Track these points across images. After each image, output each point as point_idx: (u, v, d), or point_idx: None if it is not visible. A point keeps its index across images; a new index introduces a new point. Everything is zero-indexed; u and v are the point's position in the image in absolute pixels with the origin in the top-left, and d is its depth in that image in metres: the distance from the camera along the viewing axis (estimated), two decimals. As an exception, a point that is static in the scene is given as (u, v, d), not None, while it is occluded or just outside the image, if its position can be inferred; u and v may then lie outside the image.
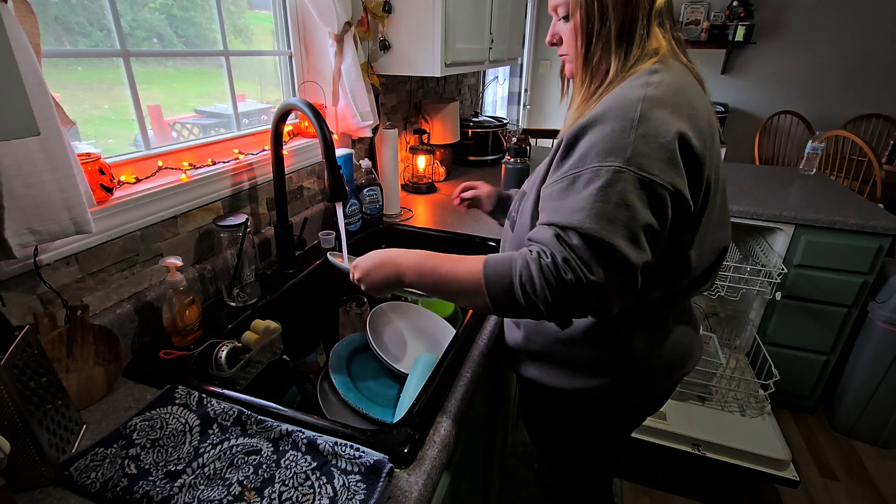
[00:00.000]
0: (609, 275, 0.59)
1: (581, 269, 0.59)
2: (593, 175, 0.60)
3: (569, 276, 0.59)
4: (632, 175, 0.59)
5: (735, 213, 1.78)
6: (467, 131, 2.28)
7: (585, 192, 0.60)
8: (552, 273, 0.60)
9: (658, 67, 0.67)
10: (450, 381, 0.84)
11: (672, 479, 1.73)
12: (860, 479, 1.77)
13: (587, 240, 0.59)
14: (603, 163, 0.60)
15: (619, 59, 0.69)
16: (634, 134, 0.60)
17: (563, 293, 0.60)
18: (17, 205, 0.65)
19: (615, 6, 0.67)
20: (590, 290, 0.59)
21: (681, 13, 3.94)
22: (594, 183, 0.60)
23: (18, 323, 0.74)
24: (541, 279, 0.60)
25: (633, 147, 0.59)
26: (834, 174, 2.99)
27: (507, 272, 0.63)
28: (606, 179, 0.59)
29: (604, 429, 0.90)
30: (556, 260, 0.60)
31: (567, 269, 0.59)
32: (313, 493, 0.61)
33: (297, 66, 1.39)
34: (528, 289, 0.61)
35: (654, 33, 0.70)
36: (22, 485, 0.62)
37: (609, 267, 0.59)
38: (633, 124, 0.60)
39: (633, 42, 0.69)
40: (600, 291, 0.60)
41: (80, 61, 0.90)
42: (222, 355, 0.87)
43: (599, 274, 0.59)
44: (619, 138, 0.60)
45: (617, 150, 0.60)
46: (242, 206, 1.18)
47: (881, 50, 3.61)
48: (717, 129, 0.72)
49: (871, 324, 1.79)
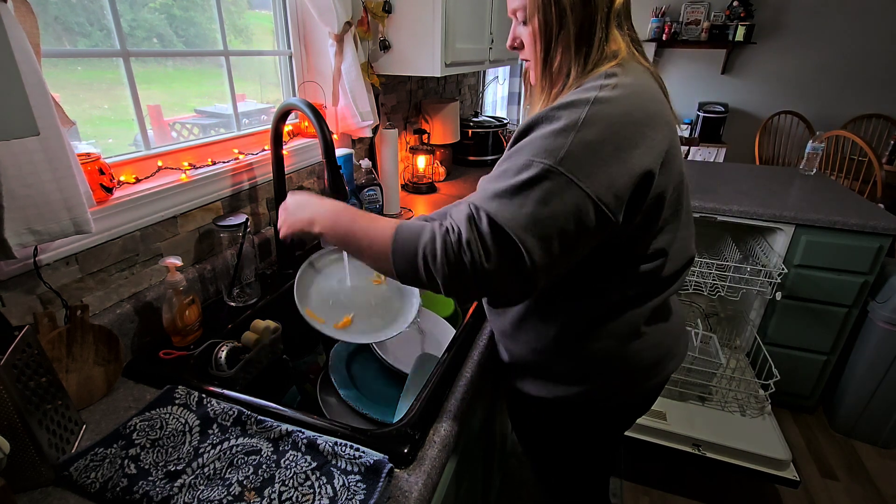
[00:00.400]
0: (504, 266, 0.59)
1: (480, 254, 0.59)
2: (523, 167, 0.60)
3: (467, 257, 0.59)
4: (559, 176, 0.58)
5: (735, 213, 1.78)
6: (467, 131, 2.28)
7: (510, 181, 0.60)
8: (453, 251, 0.60)
9: (615, 70, 0.66)
10: (450, 381, 0.84)
11: (672, 479, 1.73)
12: (860, 479, 1.77)
13: (494, 227, 0.58)
14: (535, 157, 0.59)
15: (578, 62, 0.68)
16: (574, 135, 0.59)
17: (458, 272, 0.60)
18: (17, 205, 0.65)
19: (573, 9, 0.65)
20: (482, 276, 0.59)
21: (681, 13, 3.94)
22: (521, 175, 0.59)
23: (18, 323, 0.74)
24: (442, 254, 0.60)
25: (569, 149, 0.58)
26: (834, 174, 2.99)
27: (414, 242, 0.63)
28: (533, 175, 0.58)
29: (589, 434, 0.90)
30: (460, 238, 0.60)
31: (467, 250, 0.59)
32: (313, 493, 0.61)
33: (297, 66, 1.39)
34: (429, 261, 0.62)
35: (612, 35, 0.69)
36: (22, 485, 0.62)
37: (507, 259, 0.59)
38: (575, 126, 0.59)
39: (592, 45, 0.67)
40: (491, 280, 0.60)
41: (80, 61, 0.90)
42: (222, 355, 0.87)
43: (494, 263, 0.59)
44: (557, 137, 0.59)
45: (552, 148, 0.59)
46: (242, 206, 1.18)
47: (881, 50, 3.61)
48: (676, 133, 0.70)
49: (871, 324, 1.79)
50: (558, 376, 0.82)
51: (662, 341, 0.83)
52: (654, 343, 0.81)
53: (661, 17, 3.92)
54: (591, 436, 0.91)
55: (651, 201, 0.65)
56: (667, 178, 0.66)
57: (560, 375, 0.82)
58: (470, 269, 0.59)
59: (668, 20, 3.93)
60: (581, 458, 0.96)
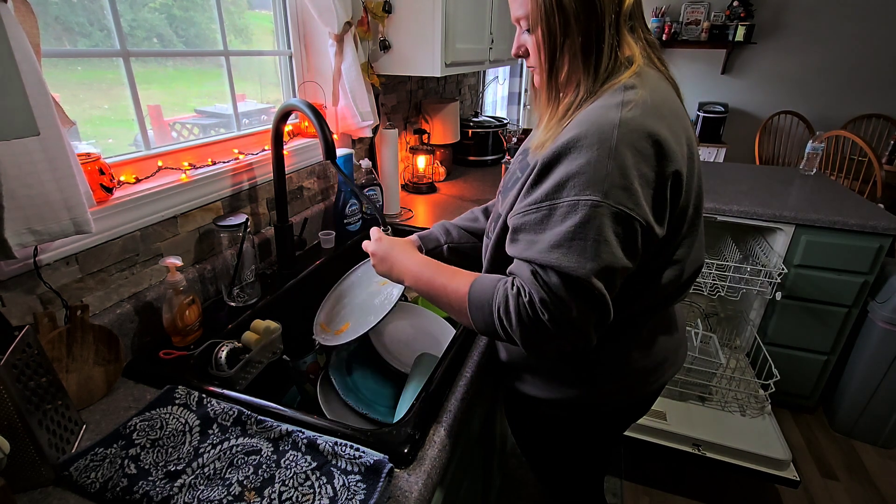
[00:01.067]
0: (586, 311, 0.59)
1: (560, 308, 0.59)
2: (570, 209, 0.58)
3: (545, 316, 0.59)
4: (609, 209, 0.57)
5: (735, 213, 1.78)
6: (467, 131, 2.28)
7: (562, 226, 0.59)
8: (527, 313, 0.60)
9: (634, 82, 0.63)
10: (450, 381, 0.84)
11: (672, 479, 1.73)
12: (860, 479, 1.77)
13: (565, 279, 0.58)
14: (581, 196, 0.58)
15: (589, 72, 0.65)
16: (612, 164, 0.57)
17: (537, 331, 0.60)
18: (17, 205, 0.65)
19: (578, 18, 0.62)
20: (569, 327, 0.59)
21: (681, 13, 3.94)
22: (571, 218, 0.58)
23: (18, 323, 0.74)
24: (517, 318, 0.61)
25: (611, 179, 0.57)
26: (834, 174, 2.99)
27: (488, 301, 0.64)
28: (585, 214, 0.57)
29: (585, 435, 0.90)
30: (533, 299, 0.60)
31: (544, 310, 0.59)
32: (313, 493, 0.61)
33: (297, 66, 1.39)
34: (504, 322, 0.62)
35: (625, 40, 0.66)
36: (22, 485, 0.62)
37: (586, 303, 0.59)
38: (609, 154, 0.57)
39: (602, 53, 0.64)
40: (579, 327, 0.60)
41: (80, 61, 0.90)
42: (222, 355, 0.87)
43: (577, 311, 0.58)
44: (596, 170, 0.58)
45: (595, 182, 0.57)
46: (242, 206, 1.18)
47: (881, 50, 3.61)
48: (695, 145, 0.70)
49: (871, 324, 1.79)
50: (556, 378, 0.82)
51: (662, 350, 0.82)
52: (655, 351, 0.81)
53: (661, 17, 3.92)
54: (587, 437, 0.91)
55: (674, 217, 0.66)
56: (689, 190, 0.67)
57: (557, 377, 0.81)
58: (552, 327, 0.59)
59: (668, 20, 3.93)
60: (576, 458, 0.96)
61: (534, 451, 1.01)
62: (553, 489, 1.05)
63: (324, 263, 1.29)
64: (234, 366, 0.87)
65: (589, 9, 0.62)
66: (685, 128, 0.67)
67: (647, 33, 0.70)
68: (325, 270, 1.29)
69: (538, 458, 1.01)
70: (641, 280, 0.70)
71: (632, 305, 0.73)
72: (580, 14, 0.63)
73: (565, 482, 1.02)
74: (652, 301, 0.75)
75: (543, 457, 1.00)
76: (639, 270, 0.68)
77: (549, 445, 0.95)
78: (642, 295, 0.73)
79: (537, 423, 0.92)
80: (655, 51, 0.71)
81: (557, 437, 0.91)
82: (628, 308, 0.73)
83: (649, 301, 0.74)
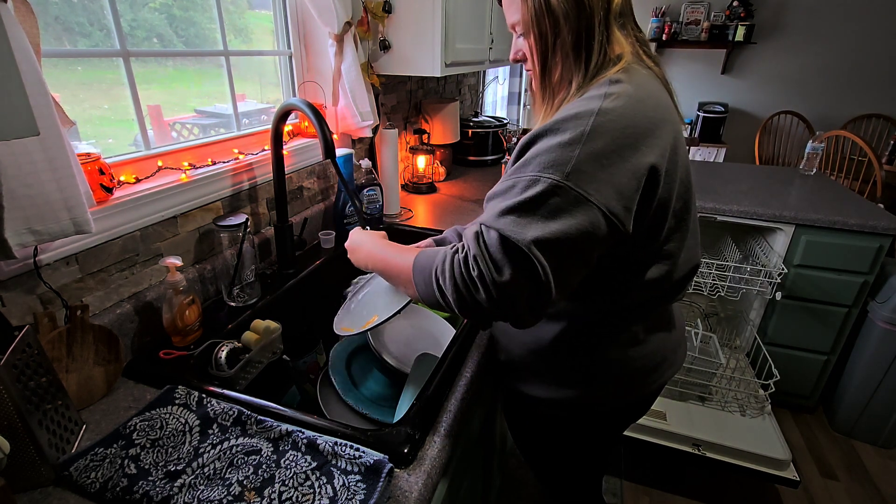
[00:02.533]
0: (518, 279, 0.57)
1: (490, 267, 0.58)
2: (530, 183, 0.59)
3: (475, 272, 0.59)
4: (568, 191, 0.57)
5: (735, 212, 1.78)
6: (467, 131, 2.28)
7: (518, 197, 0.59)
8: (460, 268, 0.60)
9: (620, 77, 0.64)
10: (450, 381, 0.84)
11: (672, 479, 1.73)
12: (860, 479, 1.77)
13: (503, 241, 0.58)
14: (542, 173, 0.58)
15: (580, 70, 0.67)
16: (581, 149, 0.58)
17: (467, 289, 0.60)
18: (17, 205, 0.65)
19: (567, 18, 0.64)
20: (496, 289, 0.58)
21: (681, 13, 3.94)
22: (528, 191, 0.58)
23: (18, 323, 0.74)
24: (450, 272, 0.61)
25: (576, 163, 0.57)
26: (834, 174, 2.99)
27: (430, 265, 0.65)
28: (541, 190, 0.58)
29: (583, 435, 0.90)
30: (468, 255, 0.60)
31: (475, 265, 0.59)
32: (313, 493, 0.61)
33: (297, 66, 1.39)
34: (440, 280, 0.62)
35: (615, 38, 0.67)
36: (22, 485, 0.62)
37: (520, 272, 0.57)
38: (581, 138, 0.58)
39: (592, 51, 0.66)
40: (510, 294, 0.58)
41: (80, 61, 0.90)
42: (222, 355, 0.87)
43: (507, 275, 0.57)
44: (564, 151, 0.58)
45: (559, 162, 0.58)
46: (242, 206, 1.18)
47: (881, 50, 3.61)
48: (681, 139, 0.69)
49: (871, 324, 1.79)
50: (553, 378, 0.82)
51: (660, 349, 0.82)
52: (652, 350, 0.80)
53: (661, 17, 3.92)
54: (585, 437, 0.91)
55: (655, 209, 0.65)
56: (671, 185, 0.66)
57: (555, 377, 0.81)
58: (480, 284, 0.59)
59: (668, 20, 3.93)
60: (575, 458, 0.96)
61: (532, 450, 1.01)
62: (551, 488, 1.05)
63: (324, 263, 1.29)
64: (234, 366, 0.87)
65: (578, 7, 0.64)
66: (671, 121, 0.67)
67: (637, 31, 0.71)
68: (325, 270, 1.29)
69: (537, 457, 1.01)
70: (627, 273, 0.70)
71: (621, 300, 0.73)
72: (569, 13, 0.64)
73: (563, 481, 1.02)
74: (643, 297, 0.74)
75: (542, 456, 1.00)
76: (623, 262, 0.68)
77: (547, 445, 0.95)
78: (631, 289, 0.72)
79: (536, 423, 0.92)
80: (645, 48, 0.72)
81: (556, 436, 0.91)
82: (617, 302, 0.73)
83: (640, 297, 0.74)
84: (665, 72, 0.74)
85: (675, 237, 0.71)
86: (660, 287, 0.74)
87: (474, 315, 0.62)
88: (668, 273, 0.73)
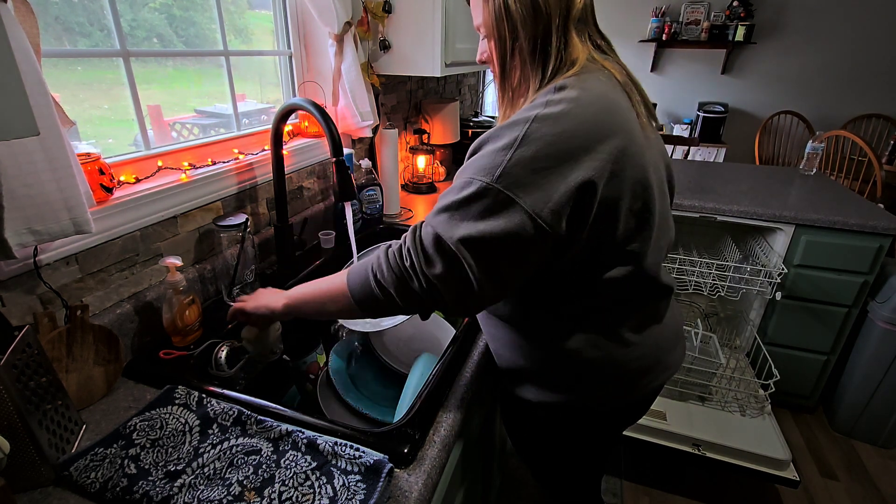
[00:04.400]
0: (446, 273, 0.62)
1: (420, 260, 0.63)
2: (465, 185, 0.62)
3: (408, 262, 0.64)
4: (496, 192, 0.59)
5: (735, 213, 1.77)
6: (467, 131, 2.28)
7: (452, 198, 0.62)
8: (396, 258, 0.65)
9: (566, 82, 0.64)
10: (450, 381, 0.84)
11: (672, 479, 1.73)
12: (860, 479, 1.77)
13: (435, 238, 0.62)
14: (475, 175, 0.61)
15: (537, 74, 0.68)
16: (511, 154, 0.60)
17: (405, 279, 0.64)
18: (17, 205, 0.65)
19: (524, 24, 0.65)
20: (428, 281, 0.63)
21: (681, 13, 3.94)
22: (462, 192, 0.61)
23: (18, 323, 0.74)
24: (386, 265, 0.66)
25: (505, 167, 0.59)
26: (834, 174, 3.00)
27: (364, 268, 0.69)
28: (472, 192, 0.60)
29: (580, 438, 0.90)
30: (401, 247, 0.65)
31: (408, 256, 0.64)
32: (313, 493, 0.61)
33: (297, 66, 1.39)
34: (378, 277, 0.66)
35: (572, 44, 0.68)
36: (22, 485, 0.62)
37: (449, 267, 0.62)
38: (513, 144, 0.60)
39: (549, 56, 0.67)
40: (435, 284, 0.63)
41: (80, 61, 0.90)
42: (222, 355, 0.87)
43: (438, 269, 0.62)
44: (495, 156, 0.61)
45: (490, 167, 0.60)
46: (242, 206, 1.18)
47: (881, 50, 3.61)
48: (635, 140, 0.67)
49: (871, 324, 1.79)
50: (546, 382, 0.81)
51: (651, 352, 0.81)
52: (642, 353, 0.79)
53: (661, 17, 3.92)
54: (582, 439, 0.90)
55: (601, 211, 0.64)
56: (619, 187, 0.64)
57: (548, 381, 0.81)
58: (412, 273, 0.63)
59: (668, 20, 3.93)
60: (572, 459, 0.96)
61: (530, 452, 1.01)
62: (550, 489, 1.05)
63: (324, 263, 1.29)
64: (234, 366, 0.87)
65: (535, 13, 0.65)
66: (618, 125, 0.65)
67: (596, 37, 0.72)
68: (325, 270, 1.29)
69: (534, 459, 1.01)
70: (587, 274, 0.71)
71: (589, 300, 0.73)
72: (527, 19, 0.65)
73: (561, 483, 1.02)
74: (610, 296, 0.73)
75: (539, 458, 1.00)
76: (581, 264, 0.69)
77: (543, 447, 0.95)
78: (595, 288, 0.71)
79: (532, 426, 0.92)
80: (604, 52, 0.73)
81: (552, 438, 0.91)
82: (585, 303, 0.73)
83: (609, 298, 0.73)
84: (629, 74, 0.73)
85: (639, 237, 0.70)
86: (630, 286, 0.73)
87: (410, 304, 0.67)
88: (634, 272, 0.72)
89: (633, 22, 4.06)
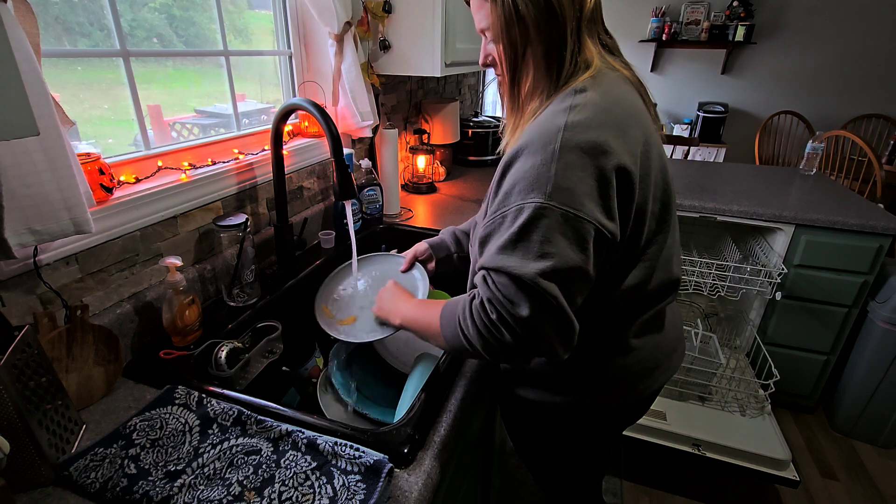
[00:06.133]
0: (537, 310, 0.58)
1: (506, 306, 0.59)
2: (517, 213, 0.59)
3: (494, 315, 0.60)
4: (554, 210, 0.57)
5: (735, 213, 1.78)
6: (467, 131, 2.28)
7: (510, 230, 0.59)
8: (479, 314, 0.61)
9: (585, 85, 0.63)
10: (450, 381, 0.84)
11: (672, 479, 1.73)
12: (860, 479, 1.77)
13: (513, 279, 0.58)
14: (525, 199, 0.58)
15: (551, 79, 0.66)
16: (555, 167, 0.57)
17: (492, 335, 0.61)
18: (17, 205, 0.65)
19: (538, 29, 0.63)
20: (523, 329, 0.59)
21: (681, 13, 3.94)
22: (518, 221, 0.59)
23: (18, 323, 0.74)
24: (471, 321, 0.62)
25: (555, 181, 0.57)
26: (834, 174, 2.99)
27: (454, 318, 0.66)
28: (528, 216, 0.58)
29: (580, 439, 0.90)
30: (482, 301, 0.61)
31: (492, 308, 0.60)
32: (313, 493, 0.61)
33: (297, 66, 1.39)
34: (464, 330, 0.64)
35: (585, 45, 0.66)
36: (21, 485, 0.62)
37: (536, 302, 0.58)
38: (553, 156, 0.58)
39: (564, 60, 0.64)
40: (535, 330, 0.59)
41: (80, 61, 0.90)
42: (222, 355, 0.87)
43: (525, 310, 0.58)
44: (539, 173, 0.58)
45: (537, 185, 0.58)
46: (242, 206, 1.18)
47: (881, 50, 3.61)
48: (654, 141, 0.68)
49: (871, 324, 1.79)
50: (547, 383, 0.81)
51: (653, 355, 0.81)
52: (644, 357, 0.79)
53: (661, 17, 3.92)
54: (582, 440, 0.90)
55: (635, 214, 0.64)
56: (645, 188, 0.65)
57: (549, 382, 0.81)
58: (502, 325, 0.59)
59: (668, 20, 3.93)
60: (572, 460, 0.96)
61: (530, 453, 1.01)
62: (550, 490, 1.05)
63: (324, 263, 1.28)
64: (234, 366, 0.87)
65: (550, 17, 0.62)
66: (641, 125, 0.66)
67: (604, 36, 0.70)
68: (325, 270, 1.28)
69: (535, 459, 1.01)
70: (612, 280, 0.70)
71: (599, 305, 0.72)
72: (541, 23, 0.63)
73: (562, 483, 1.02)
74: (624, 302, 0.73)
75: (539, 459, 0.99)
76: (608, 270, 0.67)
77: (544, 448, 0.95)
78: (609, 294, 0.71)
79: (532, 427, 0.92)
80: (612, 52, 0.71)
81: (552, 439, 0.91)
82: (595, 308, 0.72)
83: (620, 302, 0.73)
84: (638, 74, 0.73)
85: (658, 239, 0.70)
86: (642, 291, 0.73)
87: (504, 357, 0.63)
88: (646, 277, 0.72)
89: (633, 22, 4.06)
